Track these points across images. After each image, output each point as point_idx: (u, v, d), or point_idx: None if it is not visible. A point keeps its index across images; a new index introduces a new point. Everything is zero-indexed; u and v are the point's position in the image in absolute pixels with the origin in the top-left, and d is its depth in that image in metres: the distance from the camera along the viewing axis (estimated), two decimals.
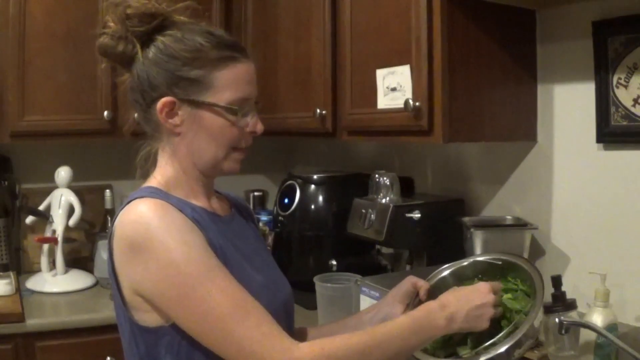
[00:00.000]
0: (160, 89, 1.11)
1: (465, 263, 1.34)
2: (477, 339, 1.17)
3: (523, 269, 1.24)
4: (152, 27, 1.12)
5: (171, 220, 1.03)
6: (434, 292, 1.27)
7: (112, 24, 1.12)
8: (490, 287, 1.14)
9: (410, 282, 1.27)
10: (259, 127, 1.17)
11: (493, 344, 1.13)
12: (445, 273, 1.33)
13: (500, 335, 1.14)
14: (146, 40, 1.12)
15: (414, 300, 1.27)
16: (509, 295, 1.22)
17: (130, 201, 1.07)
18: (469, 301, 1.12)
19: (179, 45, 1.10)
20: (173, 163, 1.15)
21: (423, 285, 1.27)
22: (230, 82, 1.11)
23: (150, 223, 1.02)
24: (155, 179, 1.15)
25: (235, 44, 1.15)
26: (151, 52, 1.11)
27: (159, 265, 1.00)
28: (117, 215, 1.08)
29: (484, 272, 1.30)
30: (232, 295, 1.00)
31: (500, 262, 1.28)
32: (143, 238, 1.01)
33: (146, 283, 1.02)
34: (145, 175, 1.18)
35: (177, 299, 1.00)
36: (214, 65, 1.11)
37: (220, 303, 0.99)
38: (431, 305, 1.12)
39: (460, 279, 1.32)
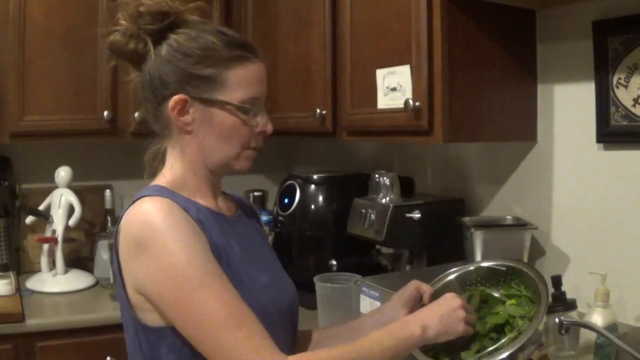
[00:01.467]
0: (172, 86, 1.11)
1: (469, 268, 1.33)
2: (481, 344, 1.17)
3: (527, 275, 1.24)
4: (165, 25, 1.12)
5: (175, 222, 1.03)
6: (437, 297, 1.27)
7: (123, 22, 1.12)
8: (454, 294, 1.18)
9: (414, 286, 1.27)
10: (269, 127, 1.17)
11: (497, 349, 1.13)
12: (450, 277, 1.33)
13: (504, 340, 1.14)
14: (158, 38, 1.12)
15: (417, 305, 1.26)
16: (513, 301, 1.22)
17: (137, 199, 1.07)
18: (439, 307, 1.15)
19: (192, 43, 1.11)
20: (182, 162, 1.15)
21: (427, 289, 1.26)
22: (242, 81, 1.12)
23: (154, 223, 1.02)
24: (164, 177, 1.15)
25: (247, 44, 1.16)
26: (164, 49, 1.12)
27: (159, 266, 1.00)
28: (124, 212, 1.08)
29: (488, 277, 1.30)
30: (227, 303, 1.00)
31: (504, 268, 1.28)
32: (146, 237, 1.01)
33: (146, 282, 1.02)
34: (153, 173, 1.18)
35: (174, 302, 1.00)
36: (227, 64, 1.11)
37: (215, 310, 0.99)
38: (407, 317, 1.16)
39: (464, 284, 1.31)
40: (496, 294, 1.26)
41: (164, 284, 1.00)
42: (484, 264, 1.33)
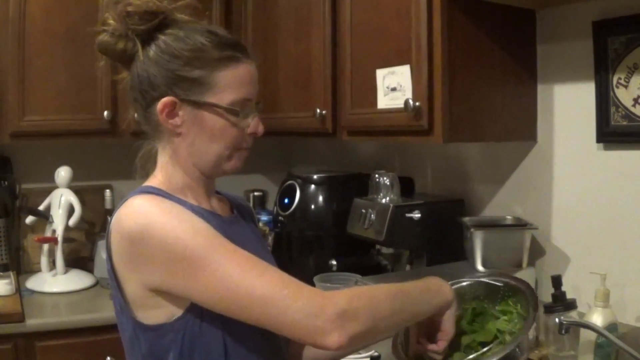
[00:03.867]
0: (161, 88, 1.09)
1: (465, 283, 1.32)
2: (465, 355, 1.16)
3: (522, 292, 1.23)
4: (153, 25, 1.10)
5: (168, 206, 1.03)
6: None
7: (111, 22, 1.11)
8: None
9: None
10: (260, 129, 1.16)
11: (477, 358, 1.12)
12: None
13: (484, 350, 1.13)
14: (147, 38, 1.11)
15: None
16: (506, 318, 1.21)
17: (127, 199, 1.07)
18: None
19: (181, 44, 1.09)
20: (174, 163, 1.14)
21: None
22: (231, 82, 1.11)
23: (149, 211, 1.01)
24: (156, 179, 1.14)
25: (237, 44, 1.14)
26: (152, 50, 1.10)
27: (165, 247, 0.98)
28: (114, 214, 1.07)
29: (485, 293, 1.29)
30: (243, 258, 1.00)
31: (501, 284, 1.27)
32: (143, 227, 1.00)
33: (156, 271, 1.00)
34: (145, 175, 1.17)
35: (191, 274, 0.98)
36: (216, 65, 1.09)
37: (235, 267, 0.98)
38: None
39: (462, 298, 1.30)
40: (492, 310, 1.26)
41: (175, 261, 0.98)
42: (482, 279, 1.32)
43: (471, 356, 1.13)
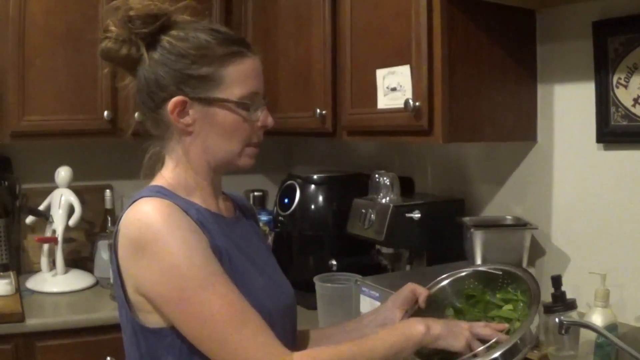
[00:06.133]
0: (170, 88, 1.10)
1: (464, 273, 1.33)
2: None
3: (522, 279, 1.23)
4: (156, 27, 1.11)
5: (175, 222, 1.03)
6: (433, 300, 1.27)
7: (113, 28, 1.11)
8: (469, 325, 1.16)
9: (410, 288, 1.27)
10: (270, 121, 1.17)
11: (487, 349, 1.12)
12: (444, 283, 1.32)
13: (493, 340, 1.14)
14: (151, 41, 1.11)
15: (412, 307, 1.26)
16: (509, 306, 1.22)
17: (136, 200, 1.07)
18: (446, 320, 1.18)
19: (185, 43, 1.10)
20: (184, 163, 1.14)
21: (422, 292, 1.26)
22: (239, 77, 1.12)
23: (155, 224, 1.01)
24: (163, 178, 1.14)
25: (240, 39, 1.16)
26: (157, 52, 1.11)
27: (161, 267, 1.00)
28: (123, 213, 1.08)
29: (484, 282, 1.29)
30: (231, 302, 1.01)
31: (500, 272, 1.28)
32: (147, 239, 1.01)
33: (148, 283, 1.02)
34: (150, 176, 1.17)
35: (177, 302, 1.00)
36: (222, 61, 1.10)
37: (219, 309, 0.99)
38: (411, 318, 1.20)
39: (460, 288, 1.31)
40: (493, 299, 1.26)
41: (166, 285, 1.00)
42: (480, 269, 1.33)
43: (481, 348, 1.13)
